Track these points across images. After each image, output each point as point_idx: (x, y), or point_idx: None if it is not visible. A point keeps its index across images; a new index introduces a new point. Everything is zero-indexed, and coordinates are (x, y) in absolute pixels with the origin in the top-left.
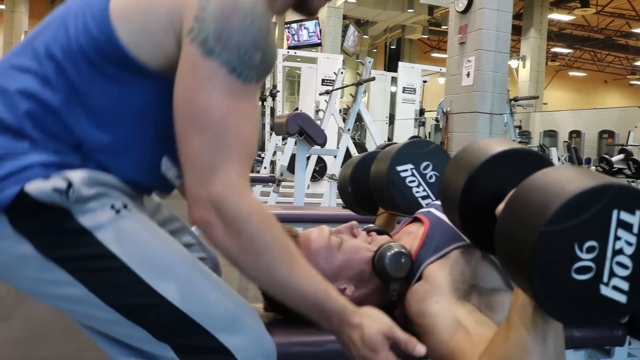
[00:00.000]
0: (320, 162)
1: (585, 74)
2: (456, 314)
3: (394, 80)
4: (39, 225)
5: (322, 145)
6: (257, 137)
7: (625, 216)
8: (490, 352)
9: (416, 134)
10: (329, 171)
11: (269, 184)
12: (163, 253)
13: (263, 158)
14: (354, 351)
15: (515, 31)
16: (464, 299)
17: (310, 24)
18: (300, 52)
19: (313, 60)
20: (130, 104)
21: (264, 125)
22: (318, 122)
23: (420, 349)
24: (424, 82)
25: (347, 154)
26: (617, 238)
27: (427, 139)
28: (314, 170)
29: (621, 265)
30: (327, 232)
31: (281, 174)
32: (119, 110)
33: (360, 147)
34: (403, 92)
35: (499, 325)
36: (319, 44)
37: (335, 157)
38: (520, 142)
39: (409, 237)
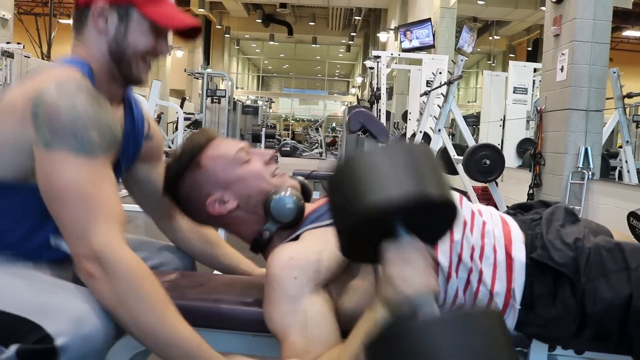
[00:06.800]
0: None
1: None
2: (306, 303)
3: None
4: None
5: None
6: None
7: None
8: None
9: (528, 136)
10: None
11: None
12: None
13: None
14: None
15: None
16: (327, 277)
17: (426, 26)
18: (407, 55)
19: (420, 62)
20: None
21: None
22: None
23: None
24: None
25: (446, 156)
26: None
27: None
28: None
29: None
30: (238, 146)
31: None
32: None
33: (460, 148)
34: (514, 92)
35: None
36: (432, 46)
37: None
38: None
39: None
